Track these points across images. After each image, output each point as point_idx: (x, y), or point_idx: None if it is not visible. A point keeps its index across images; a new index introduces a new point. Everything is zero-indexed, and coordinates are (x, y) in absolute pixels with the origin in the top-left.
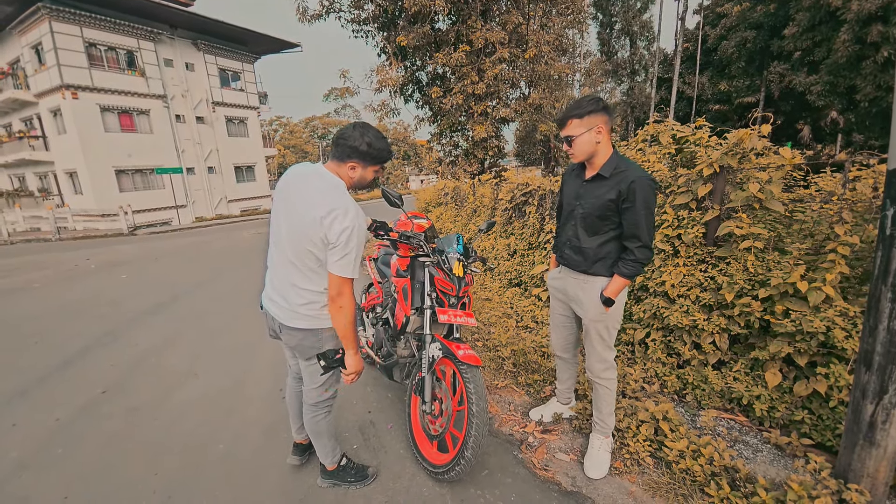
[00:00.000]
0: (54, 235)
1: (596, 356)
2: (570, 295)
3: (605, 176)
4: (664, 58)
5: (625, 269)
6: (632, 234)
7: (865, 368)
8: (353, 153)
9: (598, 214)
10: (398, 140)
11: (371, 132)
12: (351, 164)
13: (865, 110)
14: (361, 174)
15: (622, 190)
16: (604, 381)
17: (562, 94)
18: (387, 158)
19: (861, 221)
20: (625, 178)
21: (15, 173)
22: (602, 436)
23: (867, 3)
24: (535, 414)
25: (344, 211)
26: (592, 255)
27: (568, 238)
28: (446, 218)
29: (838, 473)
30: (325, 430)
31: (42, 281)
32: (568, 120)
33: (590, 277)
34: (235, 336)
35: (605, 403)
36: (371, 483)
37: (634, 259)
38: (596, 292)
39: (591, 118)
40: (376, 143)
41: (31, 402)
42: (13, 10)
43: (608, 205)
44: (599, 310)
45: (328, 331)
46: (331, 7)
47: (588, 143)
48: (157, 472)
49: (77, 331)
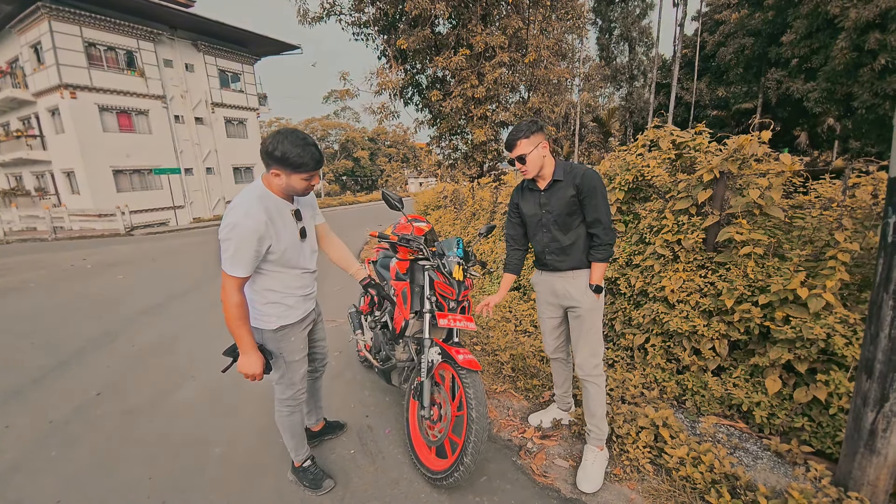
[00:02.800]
0: (51, 235)
1: (590, 349)
2: (559, 293)
3: (560, 179)
4: (663, 63)
5: (598, 254)
6: (594, 219)
7: (866, 376)
8: (270, 160)
9: (567, 212)
10: (397, 143)
11: (288, 139)
12: (273, 170)
13: (862, 117)
14: (287, 181)
15: (577, 184)
16: (594, 378)
17: (561, 99)
18: (306, 165)
19: (861, 228)
20: (576, 174)
21: (12, 172)
22: (596, 447)
23: (865, 11)
24: (535, 419)
25: (231, 207)
26: (573, 250)
27: (546, 244)
28: (445, 221)
29: (839, 481)
30: (288, 428)
31: (37, 281)
32: (517, 142)
33: (576, 271)
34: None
35: (597, 404)
36: (324, 494)
37: (601, 242)
38: (584, 283)
39: (535, 137)
40: (291, 150)
41: (25, 403)
42: (12, 8)
43: (571, 200)
44: (592, 298)
45: (267, 333)
46: (331, 10)
47: (537, 158)
48: (151, 476)
49: (72, 331)
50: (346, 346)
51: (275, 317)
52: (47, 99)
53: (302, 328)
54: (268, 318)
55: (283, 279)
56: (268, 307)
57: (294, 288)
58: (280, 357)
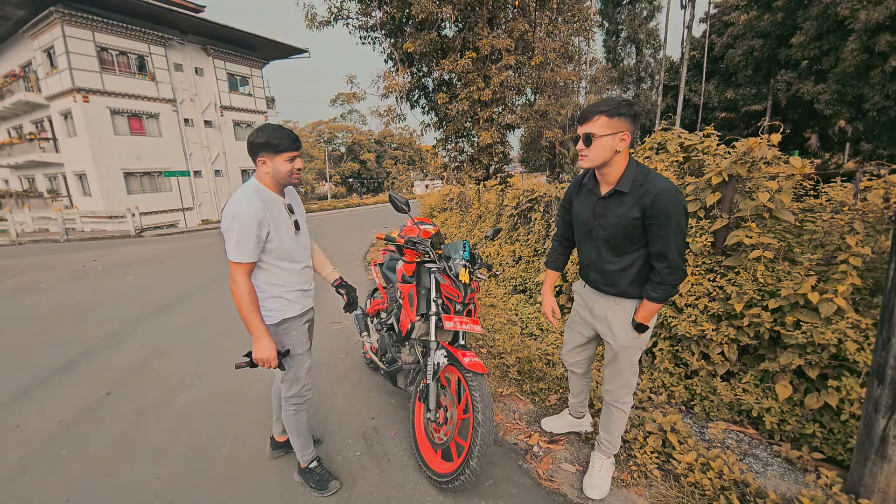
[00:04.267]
0: (62, 236)
1: (621, 381)
2: (596, 314)
3: (623, 191)
4: (670, 66)
5: (654, 294)
6: (659, 252)
7: (878, 382)
8: (256, 148)
9: (623, 235)
10: (403, 145)
11: (267, 127)
12: (260, 159)
13: (874, 119)
14: (273, 166)
15: (646, 205)
16: (622, 405)
17: (567, 101)
18: (288, 145)
19: (872, 232)
20: (647, 191)
21: (25, 174)
22: (604, 456)
23: (875, 13)
24: (547, 424)
25: (230, 202)
26: (619, 278)
27: (591, 260)
28: (451, 223)
29: (849, 488)
30: (294, 427)
31: (49, 281)
32: (595, 115)
33: (621, 300)
34: (239, 338)
35: (616, 427)
36: (330, 496)
37: (662, 280)
38: (627, 316)
39: (618, 121)
40: (273, 133)
41: (35, 402)
42: (26, 13)
43: (633, 223)
44: (632, 336)
45: (270, 328)
46: (339, 14)
47: (608, 147)
48: (159, 476)
49: (83, 332)
50: (351, 349)
51: (276, 311)
52: (60, 102)
53: (302, 322)
54: (269, 312)
55: (283, 274)
56: (269, 301)
57: (294, 283)
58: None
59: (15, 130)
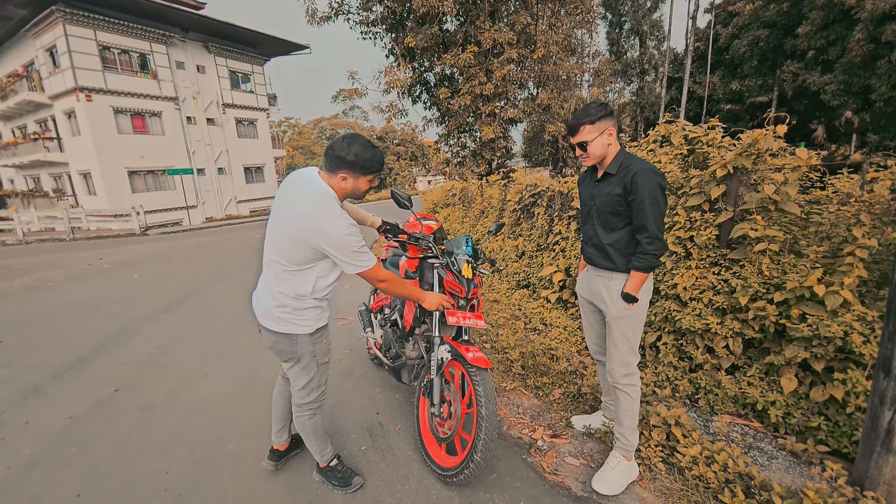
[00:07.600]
0: (68, 235)
1: (619, 358)
2: (593, 291)
3: (612, 173)
4: (674, 57)
5: (637, 263)
6: (639, 225)
7: (884, 374)
8: (341, 164)
9: (609, 210)
10: (406, 141)
11: (358, 143)
12: (342, 174)
13: (881, 110)
14: (353, 184)
15: (626, 183)
16: (625, 388)
17: (570, 95)
18: (376, 168)
19: (879, 224)
20: (629, 171)
21: (30, 174)
22: (622, 455)
23: (881, 3)
24: (578, 422)
25: (328, 219)
26: (612, 251)
27: (589, 237)
28: (454, 219)
29: (855, 481)
30: (311, 431)
31: (56, 280)
32: (580, 126)
33: (613, 273)
34: (245, 335)
35: (626, 414)
36: (354, 491)
37: (643, 250)
38: (618, 288)
39: (601, 123)
40: (363, 154)
41: (44, 399)
42: (28, 12)
43: (617, 199)
44: (622, 306)
45: (303, 338)
46: (339, 9)
47: (601, 146)
48: (168, 471)
49: (90, 329)
50: (356, 344)
51: (312, 320)
52: (63, 102)
53: (328, 330)
54: (305, 321)
55: (329, 281)
56: (308, 311)
57: (330, 290)
58: (313, 360)
59: (19, 130)
